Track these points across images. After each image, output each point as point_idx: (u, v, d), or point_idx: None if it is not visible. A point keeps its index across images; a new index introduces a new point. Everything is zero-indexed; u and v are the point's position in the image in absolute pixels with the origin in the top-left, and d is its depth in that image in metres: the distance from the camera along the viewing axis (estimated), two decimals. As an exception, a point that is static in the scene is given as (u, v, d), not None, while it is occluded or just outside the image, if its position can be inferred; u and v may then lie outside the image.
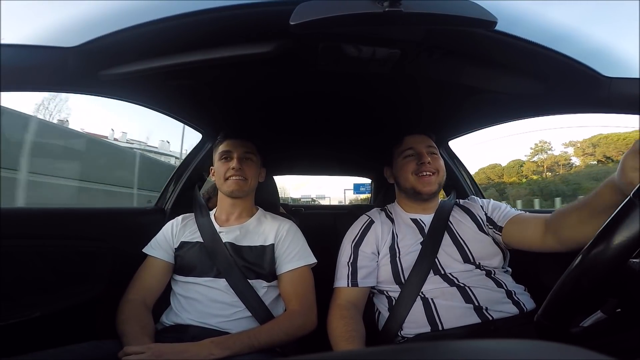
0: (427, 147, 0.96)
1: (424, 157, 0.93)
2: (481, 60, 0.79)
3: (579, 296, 0.45)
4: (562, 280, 0.47)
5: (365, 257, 0.90)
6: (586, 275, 0.43)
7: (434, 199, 0.98)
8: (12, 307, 0.80)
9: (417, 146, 0.96)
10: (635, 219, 0.39)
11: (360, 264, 0.88)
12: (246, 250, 0.90)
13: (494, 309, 0.76)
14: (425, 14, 0.55)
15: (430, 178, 0.93)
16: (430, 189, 0.93)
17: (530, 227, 0.80)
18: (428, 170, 0.92)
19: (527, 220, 0.82)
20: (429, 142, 0.98)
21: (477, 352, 0.21)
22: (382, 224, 0.96)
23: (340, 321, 0.79)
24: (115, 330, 0.76)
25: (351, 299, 0.85)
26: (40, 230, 0.89)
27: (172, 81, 0.89)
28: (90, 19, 0.66)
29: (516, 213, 0.87)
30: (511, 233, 0.84)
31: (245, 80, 0.95)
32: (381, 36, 0.72)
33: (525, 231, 0.80)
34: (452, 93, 1.02)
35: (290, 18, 0.54)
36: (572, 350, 0.20)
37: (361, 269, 0.88)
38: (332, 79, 0.94)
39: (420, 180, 0.93)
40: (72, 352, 0.67)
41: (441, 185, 0.96)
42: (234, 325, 0.80)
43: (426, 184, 0.93)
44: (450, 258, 0.84)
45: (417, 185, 0.94)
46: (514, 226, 0.84)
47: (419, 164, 0.93)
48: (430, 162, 0.93)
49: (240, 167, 0.94)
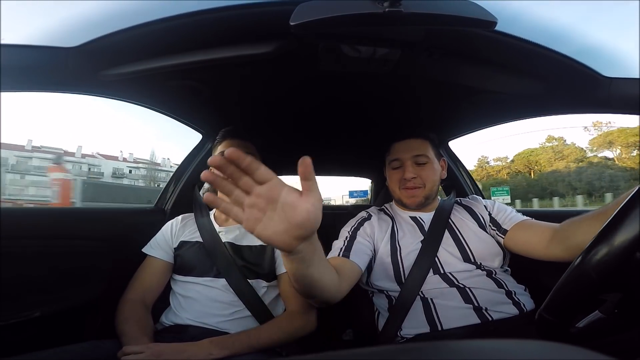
0: (415, 157, 0.93)
1: (407, 170, 0.92)
2: (481, 60, 0.79)
3: (585, 288, 0.45)
4: (568, 272, 0.46)
5: (360, 240, 0.88)
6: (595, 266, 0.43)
7: (431, 201, 0.97)
8: (12, 307, 0.80)
9: (403, 156, 0.94)
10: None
11: (355, 243, 0.87)
12: (246, 250, 0.90)
13: (494, 309, 0.76)
14: (425, 14, 0.55)
15: (415, 191, 0.92)
16: (415, 200, 0.92)
17: (536, 234, 0.79)
18: (412, 186, 0.92)
19: (534, 227, 0.81)
20: (418, 148, 0.94)
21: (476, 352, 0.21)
22: (380, 219, 0.96)
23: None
24: (115, 330, 0.76)
25: (336, 264, 0.76)
26: (40, 230, 0.89)
27: (172, 81, 0.89)
28: (90, 19, 0.66)
29: (523, 218, 0.86)
30: (515, 238, 0.83)
31: (245, 81, 0.95)
32: (381, 36, 0.72)
33: (531, 238, 0.80)
34: (452, 93, 1.02)
35: (291, 18, 0.54)
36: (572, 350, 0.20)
37: (355, 246, 0.86)
38: (332, 79, 0.94)
39: (405, 192, 0.93)
40: (72, 352, 0.67)
41: (431, 195, 0.94)
42: (233, 325, 0.80)
43: (410, 197, 0.92)
44: (450, 256, 0.84)
45: (402, 198, 0.94)
46: (520, 232, 0.83)
47: (403, 179, 0.93)
48: (416, 174, 0.91)
49: None
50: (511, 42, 0.70)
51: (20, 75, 0.68)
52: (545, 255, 0.76)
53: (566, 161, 42.25)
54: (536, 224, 0.82)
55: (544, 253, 0.76)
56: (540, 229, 0.79)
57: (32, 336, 0.83)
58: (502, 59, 0.78)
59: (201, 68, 0.73)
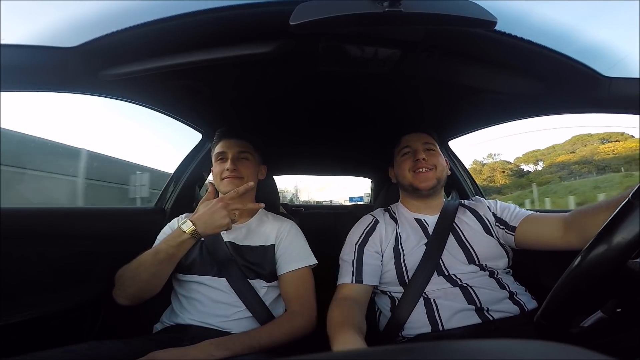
0: (424, 144, 0.96)
1: (418, 153, 0.94)
2: (481, 60, 0.79)
3: (577, 298, 0.45)
4: (560, 281, 0.47)
5: (369, 255, 0.89)
6: (584, 277, 0.43)
7: (436, 197, 0.97)
8: (12, 307, 0.80)
9: (413, 144, 0.97)
10: (635, 220, 0.39)
11: (365, 262, 0.88)
12: (247, 250, 0.90)
13: (495, 309, 0.76)
14: (425, 14, 0.55)
15: (427, 174, 0.93)
16: (428, 184, 0.93)
17: (547, 226, 0.80)
18: (424, 167, 0.93)
19: (543, 219, 0.83)
20: (426, 138, 0.98)
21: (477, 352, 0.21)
22: (387, 224, 0.96)
23: (337, 309, 0.77)
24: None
25: (353, 295, 0.84)
26: (40, 230, 0.89)
27: (172, 81, 0.89)
28: (90, 19, 0.66)
29: (529, 213, 0.87)
30: (527, 232, 0.84)
31: (245, 81, 0.95)
32: (381, 36, 0.72)
33: (543, 230, 0.81)
34: (452, 93, 1.02)
35: (290, 18, 0.54)
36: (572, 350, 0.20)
37: (366, 267, 0.87)
38: (332, 79, 0.94)
39: (417, 176, 0.94)
40: (72, 352, 0.66)
41: (441, 181, 0.96)
42: (234, 325, 0.80)
43: (423, 179, 0.93)
44: (454, 259, 0.84)
45: (414, 182, 0.94)
46: (529, 225, 0.84)
47: (415, 160, 0.94)
48: (426, 158, 0.93)
49: (235, 167, 0.94)
50: (511, 42, 0.70)
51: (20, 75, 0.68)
52: (561, 245, 0.77)
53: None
54: (543, 216, 0.84)
55: (560, 243, 0.77)
56: (550, 220, 0.80)
57: (32, 336, 0.83)
58: (502, 59, 0.78)
59: (201, 68, 0.73)
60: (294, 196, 22.25)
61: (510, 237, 0.86)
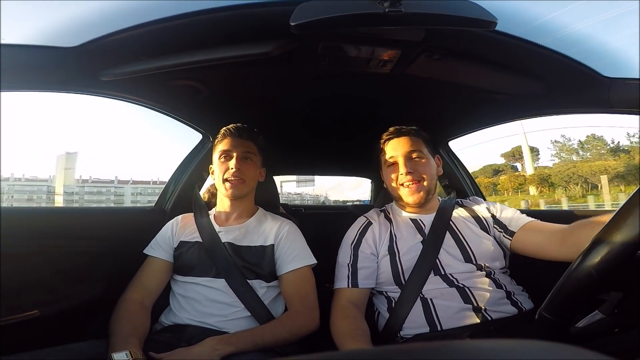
0: (408, 153, 0.92)
1: (402, 166, 0.90)
2: (481, 60, 0.79)
3: (587, 287, 0.44)
4: (569, 271, 0.46)
5: (364, 257, 0.89)
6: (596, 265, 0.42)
7: (431, 200, 0.97)
8: (12, 307, 0.80)
9: (396, 154, 0.93)
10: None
11: (360, 265, 0.88)
12: (245, 251, 0.90)
13: (493, 309, 0.76)
14: (426, 15, 0.55)
15: (414, 187, 0.91)
16: (417, 198, 0.90)
17: (546, 236, 0.79)
18: (410, 180, 0.90)
19: (543, 229, 0.81)
20: (411, 144, 0.93)
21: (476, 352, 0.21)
22: (380, 225, 0.95)
23: (344, 320, 0.79)
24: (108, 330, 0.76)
25: (352, 299, 0.85)
26: (40, 230, 0.89)
27: (172, 81, 0.89)
28: (90, 19, 0.66)
29: (529, 220, 0.86)
30: (524, 240, 0.83)
31: (245, 81, 0.95)
32: (382, 36, 0.72)
33: (541, 240, 0.79)
34: (452, 93, 1.02)
35: (291, 18, 0.54)
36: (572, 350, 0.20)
37: (361, 269, 0.87)
38: (333, 79, 0.94)
39: (404, 190, 0.92)
40: (72, 352, 0.67)
41: (432, 190, 0.94)
42: (232, 325, 0.80)
43: (411, 193, 0.91)
44: (451, 258, 0.84)
45: (403, 196, 0.93)
46: (528, 233, 0.83)
47: (400, 174, 0.92)
48: (412, 169, 0.90)
49: (239, 167, 0.93)
50: (511, 42, 0.70)
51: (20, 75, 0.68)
52: (556, 257, 0.75)
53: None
54: (544, 225, 0.82)
55: (555, 255, 0.75)
56: (549, 230, 0.79)
57: (32, 336, 0.83)
58: (502, 59, 0.78)
59: (201, 68, 0.73)
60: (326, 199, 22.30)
61: (506, 241, 0.86)
